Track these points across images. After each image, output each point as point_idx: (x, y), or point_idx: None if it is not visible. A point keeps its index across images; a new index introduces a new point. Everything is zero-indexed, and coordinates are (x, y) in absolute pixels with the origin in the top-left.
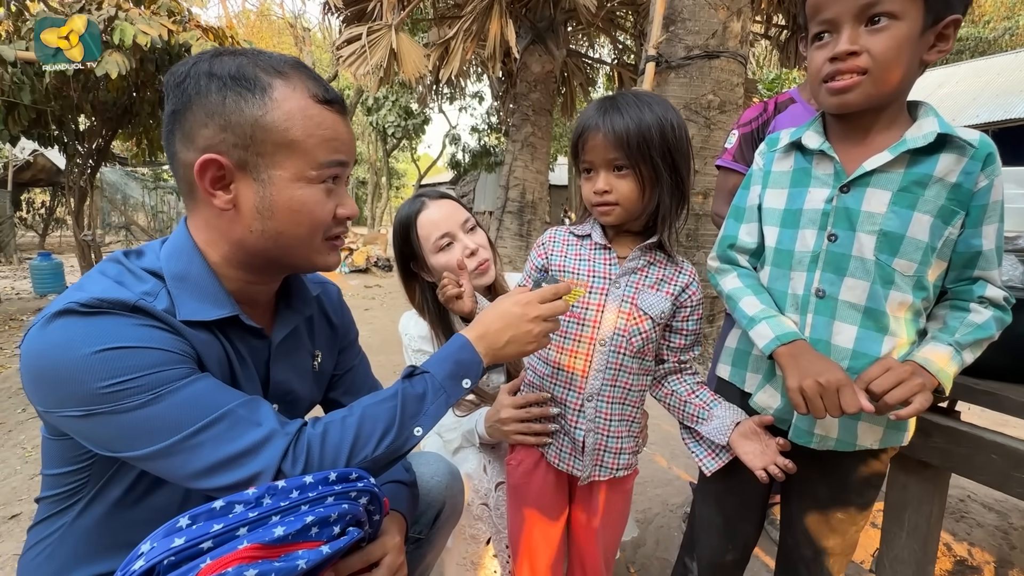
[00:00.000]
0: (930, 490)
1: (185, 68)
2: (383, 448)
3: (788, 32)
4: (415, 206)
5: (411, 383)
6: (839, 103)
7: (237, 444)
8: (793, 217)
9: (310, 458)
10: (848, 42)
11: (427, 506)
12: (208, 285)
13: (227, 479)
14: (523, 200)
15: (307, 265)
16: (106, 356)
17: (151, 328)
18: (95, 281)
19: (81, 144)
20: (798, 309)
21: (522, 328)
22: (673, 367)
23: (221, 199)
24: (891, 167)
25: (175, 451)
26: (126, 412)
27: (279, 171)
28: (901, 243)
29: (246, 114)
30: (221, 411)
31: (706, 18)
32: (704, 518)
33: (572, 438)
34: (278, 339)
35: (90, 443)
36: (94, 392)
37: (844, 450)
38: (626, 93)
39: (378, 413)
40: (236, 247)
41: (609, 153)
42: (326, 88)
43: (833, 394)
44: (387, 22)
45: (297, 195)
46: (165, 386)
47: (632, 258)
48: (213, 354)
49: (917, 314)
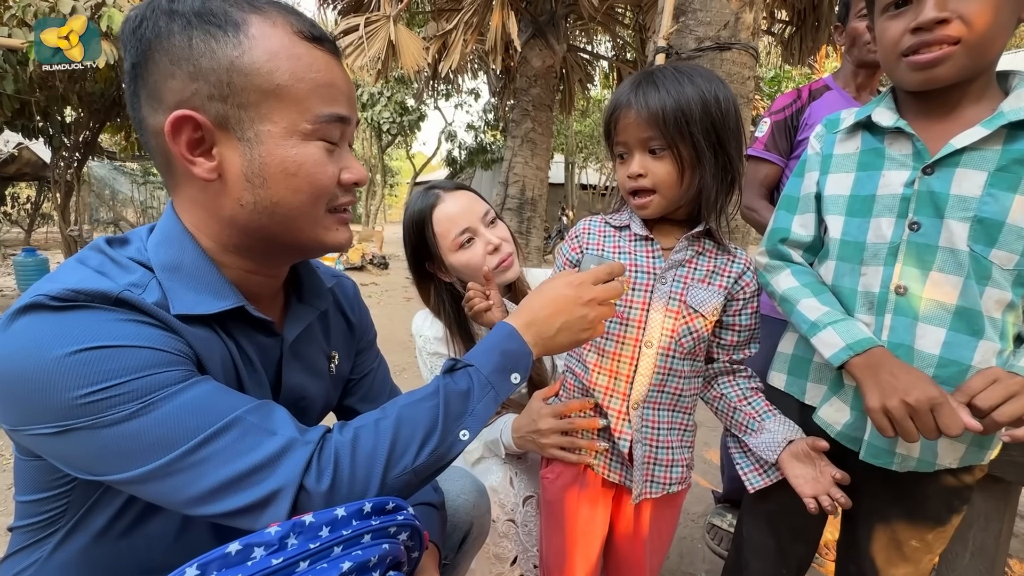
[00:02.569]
0: (999, 507)
1: (140, 10)
2: (424, 456)
3: (792, 28)
4: (429, 200)
5: (453, 378)
6: (925, 79)
7: (249, 458)
8: (863, 204)
9: (339, 471)
10: (936, 8)
11: (454, 528)
12: (205, 274)
13: (238, 501)
14: (523, 197)
15: (314, 244)
16: (83, 358)
17: (139, 324)
18: (71, 271)
19: (67, 137)
20: (873, 309)
21: (575, 313)
22: (724, 367)
23: (203, 167)
24: (986, 144)
25: (172, 471)
26: (110, 426)
27: (267, 125)
28: (1000, 231)
29: (219, 56)
30: (227, 419)
31: (718, 8)
32: (754, 541)
33: (618, 449)
34: (291, 337)
35: (67, 465)
36: (70, 403)
37: (924, 470)
38: (665, 66)
39: (417, 414)
40: (228, 227)
41: (643, 132)
42: (312, 24)
43: (927, 414)
44: (385, 13)
45: (292, 155)
46: (157, 392)
47: (678, 249)
48: (215, 354)
49: (1016, 315)
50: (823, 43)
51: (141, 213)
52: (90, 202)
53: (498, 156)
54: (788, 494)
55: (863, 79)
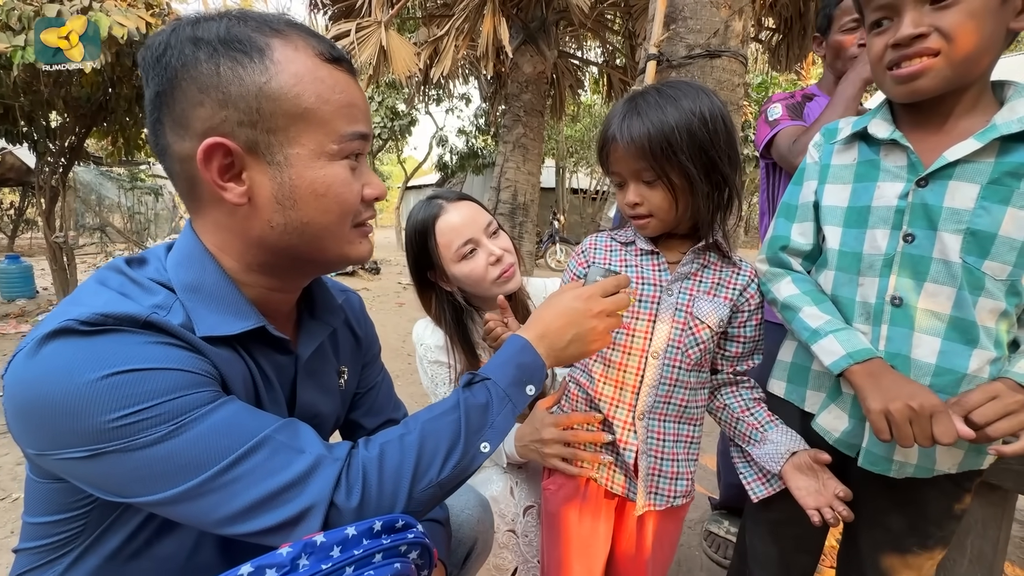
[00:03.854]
0: (997, 514)
1: (163, 38)
2: (449, 469)
3: (779, 35)
4: (432, 210)
5: (472, 392)
6: (909, 91)
7: (280, 476)
8: (859, 215)
9: (367, 486)
10: (912, 25)
11: (458, 543)
12: (227, 295)
13: (270, 519)
14: (515, 202)
15: (339, 259)
16: (116, 381)
17: (167, 346)
18: (94, 293)
19: (52, 142)
20: (869, 319)
21: (586, 325)
22: (728, 378)
23: (234, 192)
24: (978, 156)
25: (205, 491)
26: (143, 448)
27: (296, 149)
28: (992, 243)
29: (247, 83)
30: (257, 438)
31: (708, 16)
32: (757, 550)
33: (623, 460)
34: (306, 354)
35: (96, 488)
36: (103, 426)
37: (922, 476)
38: (650, 89)
39: (440, 429)
40: (255, 247)
41: (633, 164)
42: (331, 45)
43: (926, 421)
44: (376, 19)
45: (320, 176)
46: (189, 413)
47: (684, 263)
48: (237, 374)
49: (1010, 323)
50: (809, 50)
51: (128, 219)
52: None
53: (489, 161)
54: (791, 503)
55: None
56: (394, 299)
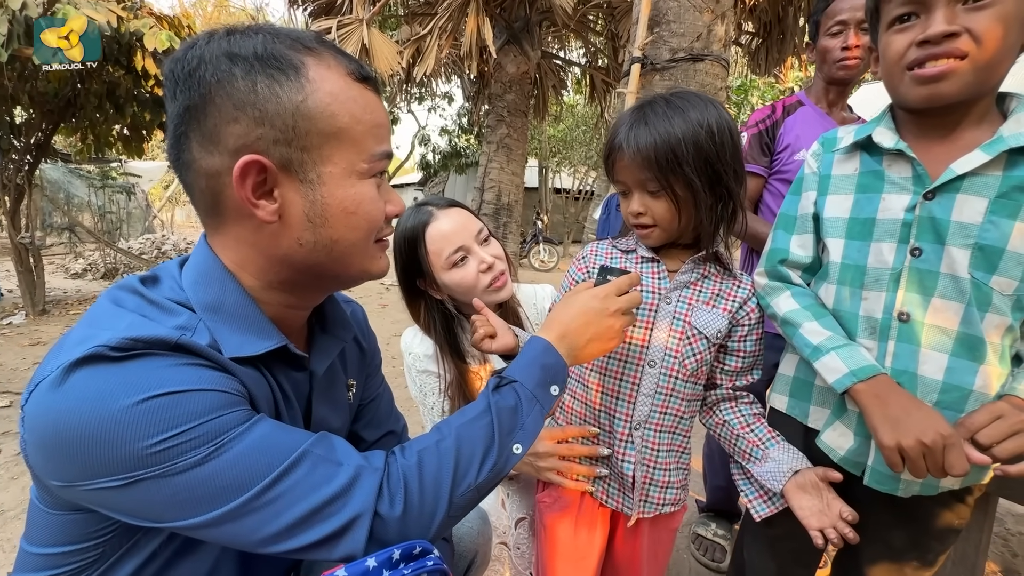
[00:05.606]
0: (979, 518)
1: (196, 52)
2: (486, 472)
3: (759, 39)
4: (422, 217)
5: (500, 395)
6: (930, 93)
7: (323, 490)
8: (863, 227)
9: (409, 494)
10: (945, 21)
11: (459, 557)
12: (249, 314)
13: (316, 534)
14: (499, 202)
15: (361, 274)
16: (151, 406)
17: (198, 367)
18: (114, 316)
19: (17, 138)
20: (875, 335)
21: (604, 324)
22: (726, 394)
23: (266, 210)
24: (986, 169)
25: (247, 511)
26: (183, 472)
27: (329, 167)
28: (1001, 258)
29: (284, 101)
30: (296, 454)
31: (691, 20)
32: (755, 565)
33: (620, 473)
34: (320, 370)
35: (128, 515)
36: (140, 453)
37: (928, 494)
38: (658, 98)
39: (474, 433)
40: (280, 265)
41: (638, 174)
42: (360, 65)
43: (940, 455)
44: (358, 16)
45: (351, 194)
46: (227, 433)
47: (684, 271)
48: (262, 393)
49: (1014, 338)
50: (788, 54)
51: (99, 218)
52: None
53: (472, 160)
54: (791, 520)
55: (834, 96)
56: (377, 300)
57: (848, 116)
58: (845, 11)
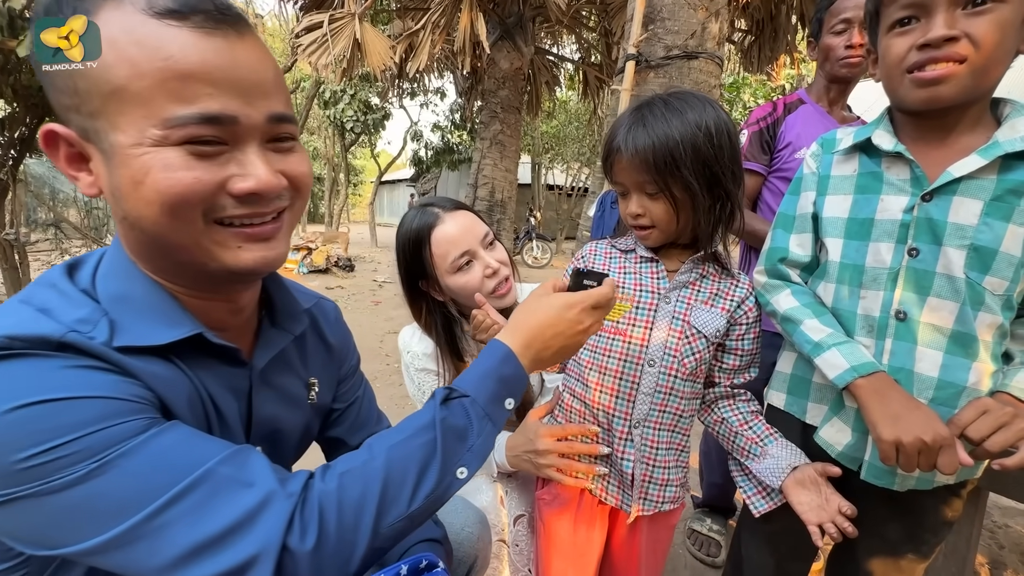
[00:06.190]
0: (970, 511)
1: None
2: (421, 500)
3: (751, 37)
4: (427, 219)
5: (449, 410)
6: (929, 97)
7: (222, 517)
8: (861, 227)
9: (324, 525)
10: (945, 25)
11: (459, 562)
12: (159, 303)
13: (213, 567)
14: (492, 199)
15: (211, 263)
16: (25, 415)
17: (87, 370)
18: (9, 312)
19: (1, 133)
20: (873, 333)
21: (574, 338)
22: (724, 392)
23: (84, 182)
24: (981, 173)
25: (136, 537)
26: (60, 491)
27: (117, 135)
28: (994, 259)
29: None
30: (197, 473)
31: (685, 18)
32: (753, 560)
33: (620, 471)
34: (261, 364)
35: (12, 539)
36: (12, 468)
37: (923, 488)
38: (657, 99)
39: (409, 454)
40: (141, 247)
41: (636, 176)
42: None
43: (934, 453)
44: (350, 11)
45: (140, 163)
46: (114, 447)
47: (683, 271)
48: (180, 393)
49: (1003, 336)
50: (780, 52)
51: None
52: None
53: (465, 157)
54: (789, 515)
55: (835, 94)
56: (369, 297)
57: (848, 115)
58: (850, 9)
